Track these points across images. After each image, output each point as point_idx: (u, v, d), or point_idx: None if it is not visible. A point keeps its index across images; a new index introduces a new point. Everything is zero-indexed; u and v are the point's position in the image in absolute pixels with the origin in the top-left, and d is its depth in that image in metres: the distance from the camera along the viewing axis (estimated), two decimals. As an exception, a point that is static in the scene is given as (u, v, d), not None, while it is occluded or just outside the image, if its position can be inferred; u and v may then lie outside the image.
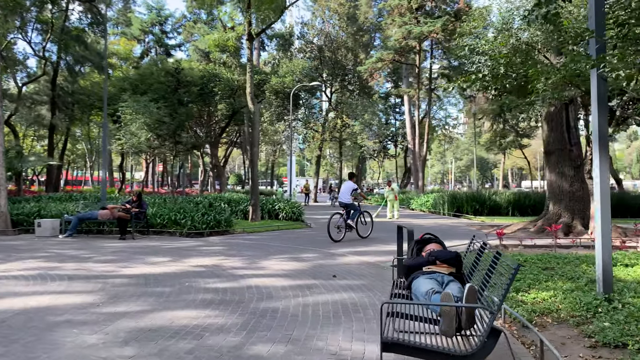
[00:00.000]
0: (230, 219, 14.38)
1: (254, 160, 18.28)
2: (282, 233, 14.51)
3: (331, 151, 73.32)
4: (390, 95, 43.84)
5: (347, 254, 9.81)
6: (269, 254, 9.75)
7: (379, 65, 28.75)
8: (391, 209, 20.83)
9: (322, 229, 15.71)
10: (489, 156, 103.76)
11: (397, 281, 4.60)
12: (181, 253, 9.83)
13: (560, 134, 14.14)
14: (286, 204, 19.62)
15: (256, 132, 18.24)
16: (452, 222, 18.94)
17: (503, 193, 22.41)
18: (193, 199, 20.34)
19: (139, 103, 24.02)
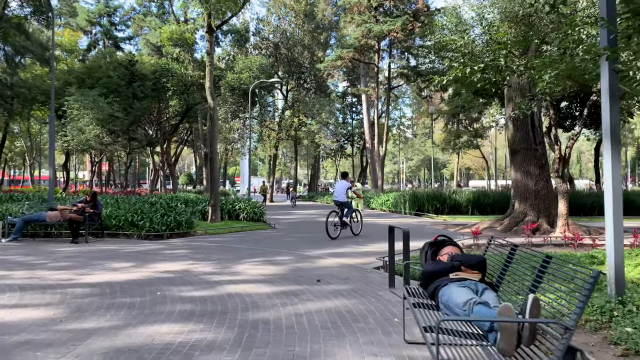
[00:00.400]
0: (191, 220, 13.60)
1: (214, 158, 17.50)
2: (246, 234, 13.87)
3: (285, 150, 72.73)
4: (347, 94, 43.75)
5: (323, 255, 9.34)
6: (240, 257, 9.14)
7: (338, 64, 28.47)
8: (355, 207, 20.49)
9: (287, 229, 15.20)
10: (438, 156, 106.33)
11: (412, 289, 4.17)
12: (144, 257, 9.05)
13: (526, 133, 14.26)
14: (247, 204, 18.94)
15: (215, 129, 17.47)
16: (416, 221, 18.85)
17: (463, 192, 22.62)
18: (147, 199, 19.29)
19: (86, 97, 22.60)
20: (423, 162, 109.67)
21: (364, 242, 11.76)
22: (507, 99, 14.86)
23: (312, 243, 11.53)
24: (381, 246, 10.83)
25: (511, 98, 14.57)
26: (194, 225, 13.73)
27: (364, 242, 11.63)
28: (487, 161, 32.83)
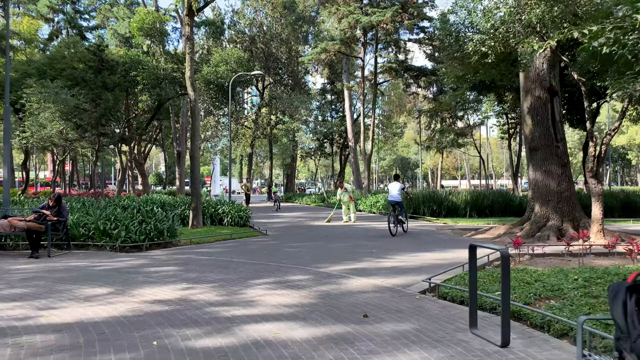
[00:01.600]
0: (174, 227, 11.75)
1: (195, 156, 15.63)
2: (236, 243, 12.10)
3: (257, 150, 70.71)
4: (327, 91, 42.18)
5: (345, 273, 7.71)
6: (245, 276, 7.42)
7: (322, 57, 26.89)
8: (347, 212, 18.92)
9: (281, 237, 13.49)
10: (410, 156, 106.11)
11: None
12: (123, 278, 7.24)
13: (546, 128, 12.96)
14: (231, 208, 17.15)
15: (197, 123, 15.61)
16: (416, 225, 17.42)
17: (460, 194, 21.36)
18: (118, 202, 17.23)
19: (47, 90, 20.30)
20: (395, 162, 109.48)
21: (378, 254, 10.19)
22: (524, 90, 13.55)
23: (320, 255, 9.88)
24: (401, 259, 9.29)
25: (529, 89, 13.26)
26: (177, 233, 11.88)
27: (379, 254, 10.06)
28: (484, 161, 31.80)
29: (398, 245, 11.51)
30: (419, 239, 12.79)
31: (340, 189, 19.55)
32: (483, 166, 34.23)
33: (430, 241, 12.35)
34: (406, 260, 9.06)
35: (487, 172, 30.84)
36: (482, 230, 14.18)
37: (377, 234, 14.32)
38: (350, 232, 14.94)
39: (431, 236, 13.56)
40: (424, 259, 9.29)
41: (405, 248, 10.91)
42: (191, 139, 15.81)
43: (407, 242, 12.16)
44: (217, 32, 33.25)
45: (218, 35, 34.14)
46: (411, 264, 8.60)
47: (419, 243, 11.93)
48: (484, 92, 21.68)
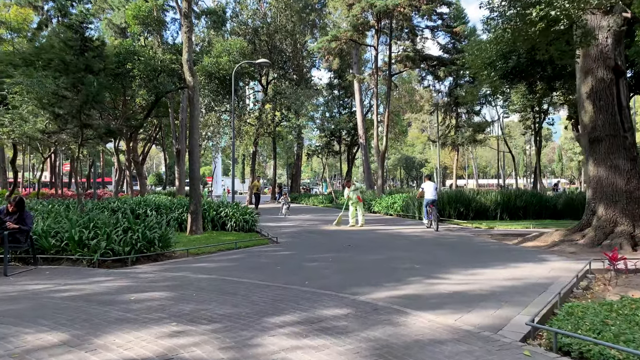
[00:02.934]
0: (167, 236, 9.67)
1: (194, 151, 13.56)
2: (244, 255, 10.01)
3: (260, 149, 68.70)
4: (334, 86, 40.08)
5: (395, 304, 5.62)
6: (259, 310, 5.34)
7: (333, 45, 24.79)
8: (354, 214, 16.80)
9: (295, 245, 11.38)
10: (415, 155, 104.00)
11: None
12: (90, 313, 5.18)
13: (612, 115, 10.86)
14: (235, 210, 15.08)
15: (196, 114, 13.55)
16: (446, 229, 15.32)
17: (489, 193, 19.25)
18: (108, 204, 15.20)
19: (31, 79, 18.28)
20: (400, 161, 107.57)
21: (424, 270, 8.11)
22: (582, 71, 11.45)
23: (351, 273, 7.79)
24: (459, 279, 7.21)
25: (589, 69, 11.17)
26: (171, 242, 9.80)
27: (426, 271, 7.98)
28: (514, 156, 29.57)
29: (441, 256, 9.43)
30: (460, 249, 10.70)
31: (347, 188, 17.45)
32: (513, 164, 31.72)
33: (476, 251, 10.26)
34: (467, 281, 6.97)
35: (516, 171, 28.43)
36: (530, 237, 12.08)
37: (408, 241, 12.23)
38: (375, 238, 12.85)
39: (473, 244, 11.46)
40: (488, 278, 7.21)
41: (453, 261, 8.82)
42: (189, 132, 13.76)
43: (449, 252, 10.08)
44: (218, 22, 31.18)
45: (219, 26, 32.06)
46: (477, 287, 6.52)
47: (464, 254, 9.84)
48: (515, 81, 19.57)
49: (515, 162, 29.65)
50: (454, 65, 24.90)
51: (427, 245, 11.35)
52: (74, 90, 11.93)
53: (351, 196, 16.85)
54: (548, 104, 25.10)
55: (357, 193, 16.75)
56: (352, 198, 16.82)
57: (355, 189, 16.88)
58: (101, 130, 12.96)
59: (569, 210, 18.45)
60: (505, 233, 13.81)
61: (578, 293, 6.51)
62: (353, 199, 16.79)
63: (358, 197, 16.66)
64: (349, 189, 17.12)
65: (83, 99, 11.57)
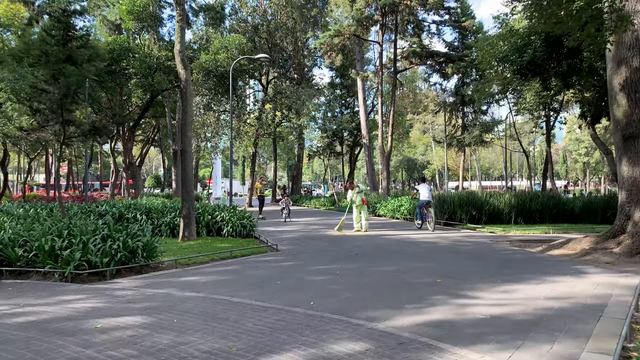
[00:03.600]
0: (153, 245, 8.56)
1: (187, 150, 12.46)
2: (240, 266, 8.89)
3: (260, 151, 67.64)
4: (336, 85, 38.95)
5: (425, 336, 4.50)
6: (256, 344, 4.24)
7: (335, 41, 23.68)
8: (358, 218, 15.67)
9: (299, 254, 10.26)
10: (417, 157, 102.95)
11: None
12: (39, 351, 4.07)
13: (649, 109, 9.76)
14: (232, 214, 13.98)
15: (189, 109, 12.44)
16: (461, 236, 14.21)
17: (502, 195, 18.11)
18: (95, 208, 14.11)
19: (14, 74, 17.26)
20: (401, 163, 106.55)
21: (448, 285, 7.00)
22: (614, 61, 10.36)
23: (364, 290, 6.68)
24: (493, 299, 6.09)
25: (623, 59, 10.07)
26: (157, 252, 8.69)
27: (451, 287, 6.88)
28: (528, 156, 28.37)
29: (463, 267, 8.32)
30: (481, 258, 9.58)
31: (350, 190, 16.22)
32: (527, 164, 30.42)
33: (501, 261, 9.14)
34: (502, 300, 5.86)
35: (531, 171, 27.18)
36: (556, 244, 10.96)
37: (421, 248, 11.11)
38: (384, 245, 11.73)
39: (494, 253, 10.33)
40: (527, 296, 6.09)
41: (477, 273, 7.71)
42: (182, 130, 12.65)
43: (470, 262, 8.96)
44: (216, 19, 30.15)
45: (218, 23, 31.03)
46: (518, 309, 5.40)
47: (488, 264, 8.72)
48: (529, 76, 18.48)
49: (529, 161, 28.41)
50: (462, 62, 23.81)
51: (443, 253, 10.24)
52: (55, 83, 10.83)
53: (355, 199, 15.73)
54: (560, 102, 24.01)
55: (361, 195, 15.61)
56: (357, 201, 15.69)
57: (360, 191, 15.73)
58: (85, 127, 11.87)
59: (587, 214, 17.35)
60: (525, 239, 12.69)
61: (638, 317, 5.40)
62: (357, 202, 15.66)
63: (363, 200, 15.54)
64: (352, 191, 15.98)
65: (63, 92, 10.47)
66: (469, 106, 31.99)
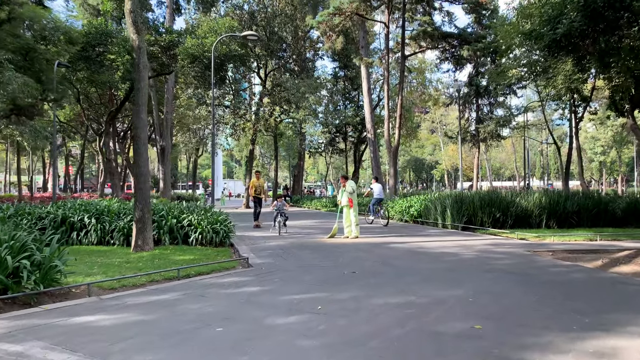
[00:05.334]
0: (51, 263, 5.86)
1: (140, 135, 9.79)
2: (181, 294, 6.19)
3: (263, 150, 65.05)
4: (339, 77, 36.25)
5: None
6: None
7: (335, 21, 20.99)
8: (348, 221, 12.80)
9: (275, 271, 7.49)
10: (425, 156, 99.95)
11: None
12: None
13: None
14: (202, 217, 11.32)
15: (143, 84, 9.80)
16: (485, 244, 11.45)
17: (529, 195, 15.30)
18: (37, 210, 11.46)
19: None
20: (409, 163, 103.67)
21: (497, 342, 4.28)
22: None
23: (357, 348, 3.96)
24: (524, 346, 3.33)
25: None
26: (57, 273, 5.99)
27: (502, 345, 4.16)
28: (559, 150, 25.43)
29: (510, 300, 5.57)
30: (530, 281, 6.83)
31: (343, 186, 13.34)
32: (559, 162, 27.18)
33: (560, 287, 6.38)
34: None
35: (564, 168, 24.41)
36: (622, 258, 8.19)
37: (441, 263, 8.36)
38: (390, 258, 8.99)
39: (542, 272, 7.54)
40: None
41: (538, 313, 4.97)
42: (133, 112, 10.00)
43: (517, 289, 6.21)
44: (206, 2, 27.61)
45: (208, 6, 28.50)
46: None
47: (545, 293, 5.97)
48: (562, 53, 15.68)
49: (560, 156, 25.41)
50: (479, 43, 21.02)
51: (472, 271, 7.50)
52: None
53: (340, 198, 12.99)
54: (591, 89, 21.20)
55: (348, 195, 12.77)
56: (342, 201, 12.91)
57: (352, 190, 12.89)
58: (34, 112, 9.31)
59: (634, 217, 14.59)
60: (570, 248, 9.92)
61: None
62: (344, 202, 12.88)
63: (349, 200, 12.71)
64: (343, 186, 13.14)
65: None
66: (483, 98, 29.20)
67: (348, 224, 12.76)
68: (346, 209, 12.80)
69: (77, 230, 10.92)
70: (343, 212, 12.95)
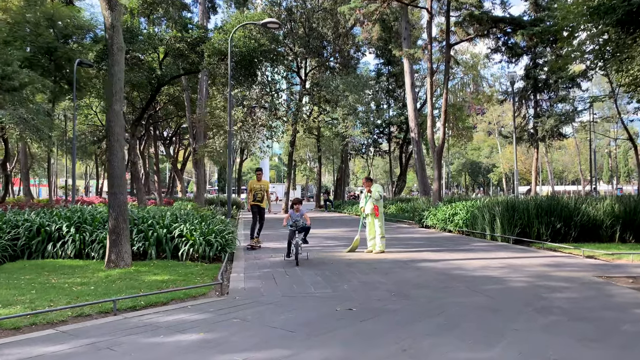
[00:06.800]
0: None
1: (115, 130, 8.22)
2: (102, 338, 4.42)
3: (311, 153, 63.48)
4: (382, 74, 34.10)
5: None
6: None
7: (372, 8, 18.96)
8: (372, 231, 10.70)
9: (248, 306, 5.47)
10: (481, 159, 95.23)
11: None
12: None
13: None
14: (195, 226, 9.65)
15: (116, 68, 8.22)
16: (542, 263, 9.12)
17: (600, 201, 12.64)
18: (11, 218, 10.14)
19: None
20: (464, 166, 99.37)
21: None
22: None
23: None
24: None
25: None
26: None
27: None
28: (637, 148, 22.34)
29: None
30: (609, 334, 4.59)
31: (366, 190, 11.20)
32: None
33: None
34: None
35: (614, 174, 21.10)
36: None
37: (479, 299, 6.19)
38: (414, 284, 6.91)
39: (627, 316, 5.24)
40: None
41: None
42: (106, 103, 8.42)
43: (590, 354, 4.01)
44: (244, 1, 26.29)
45: (241, 2, 27.22)
46: None
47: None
48: (638, 30, 12.95)
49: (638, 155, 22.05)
50: (535, 27, 18.32)
51: (520, 313, 5.32)
52: None
53: (365, 207, 10.90)
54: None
55: (372, 201, 10.67)
56: (366, 208, 10.81)
57: (380, 196, 10.76)
58: None
59: None
60: (663, 275, 7.44)
61: None
62: (367, 210, 10.78)
63: (375, 208, 10.61)
64: (366, 191, 11.01)
65: None
66: (542, 92, 26.19)
67: (372, 235, 10.70)
68: (371, 218, 10.74)
69: (54, 240, 9.51)
70: (367, 222, 10.91)
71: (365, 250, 10.59)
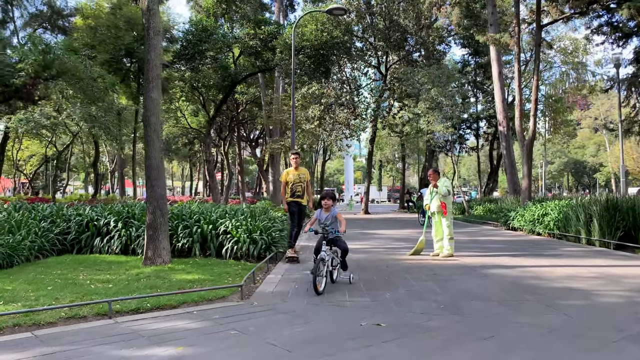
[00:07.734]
0: None
1: (151, 120, 7.77)
2: (71, 347, 3.78)
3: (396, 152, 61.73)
4: (468, 65, 31.90)
5: None
6: None
7: (450, -9, 17.31)
8: (439, 232, 9.42)
9: (259, 316, 4.54)
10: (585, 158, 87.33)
11: None
12: None
13: None
14: (241, 222, 9.00)
15: (154, 56, 7.77)
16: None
17: None
18: (65, 212, 10.14)
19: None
20: (566, 165, 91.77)
21: None
22: None
23: None
24: None
25: None
26: None
27: None
28: None
29: None
30: None
31: (432, 185, 9.56)
32: None
33: None
34: None
35: None
36: None
37: (553, 319, 4.85)
38: (474, 295, 5.66)
39: None
40: None
41: None
42: (144, 92, 7.98)
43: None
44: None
45: (321, 0, 26.55)
46: None
47: None
48: None
49: None
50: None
51: (608, 344, 3.95)
52: None
53: (427, 201, 9.54)
54: None
55: (439, 197, 9.27)
56: (432, 206, 9.42)
57: (447, 192, 9.31)
58: None
59: None
60: None
61: None
62: (433, 208, 9.40)
63: (442, 205, 9.20)
64: (432, 187, 9.61)
65: None
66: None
67: (439, 237, 9.40)
68: (438, 217, 9.44)
69: (102, 235, 9.33)
70: (433, 222, 9.63)
71: (431, 254, 9.32)
